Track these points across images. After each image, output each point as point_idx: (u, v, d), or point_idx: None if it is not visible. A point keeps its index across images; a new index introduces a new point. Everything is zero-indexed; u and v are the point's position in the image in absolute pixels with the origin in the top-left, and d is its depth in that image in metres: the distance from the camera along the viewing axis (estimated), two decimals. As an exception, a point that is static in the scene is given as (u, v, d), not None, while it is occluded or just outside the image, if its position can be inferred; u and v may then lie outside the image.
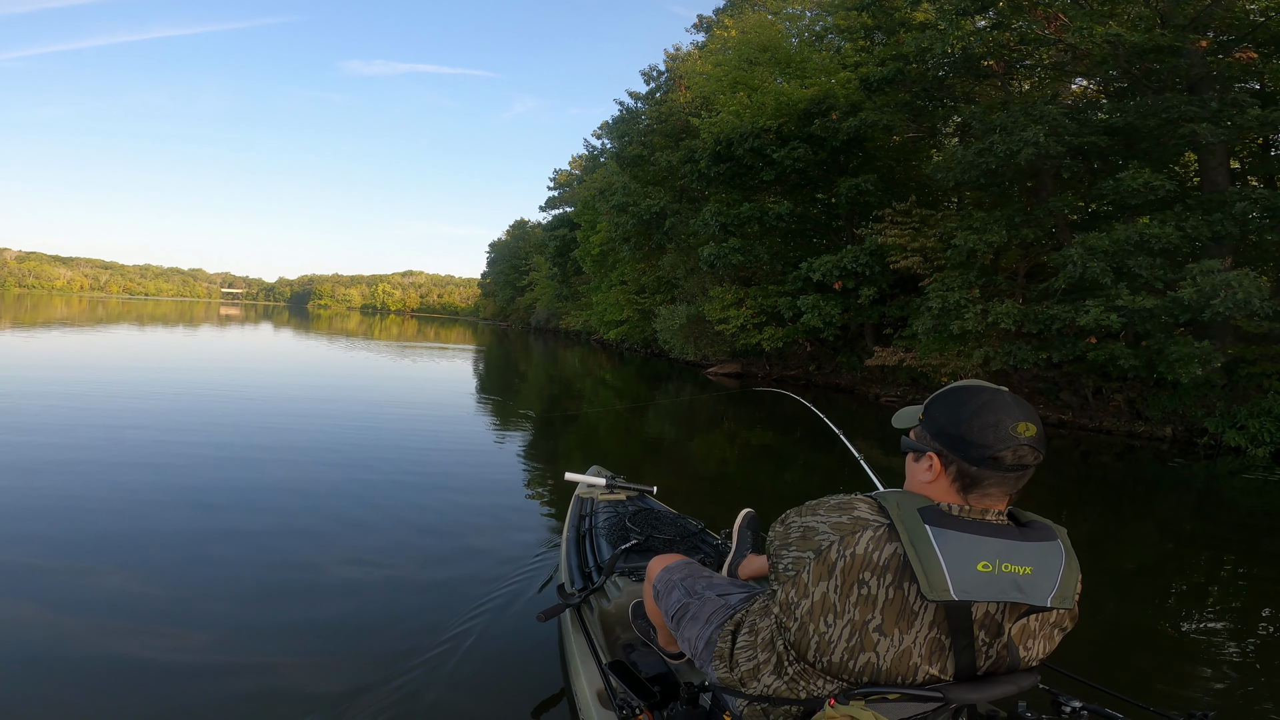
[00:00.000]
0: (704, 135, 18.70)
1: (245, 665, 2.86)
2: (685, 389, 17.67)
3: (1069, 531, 1.39)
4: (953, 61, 14.20)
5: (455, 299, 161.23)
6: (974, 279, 13.57)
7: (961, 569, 1.22)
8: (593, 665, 2.30)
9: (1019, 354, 12.65)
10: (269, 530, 4.53)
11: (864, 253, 15.73)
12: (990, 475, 1.30)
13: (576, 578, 2.91)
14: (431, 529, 4.81)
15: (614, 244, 29.12)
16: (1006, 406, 1.31)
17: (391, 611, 3.43)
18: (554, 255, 45.18)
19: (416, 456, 7.17)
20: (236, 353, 19.80)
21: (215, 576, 3.73)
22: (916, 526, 1.26)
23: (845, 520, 1.32)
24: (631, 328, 30.33)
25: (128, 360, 15.16)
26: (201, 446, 6.76)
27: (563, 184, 58.61)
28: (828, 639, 1.32)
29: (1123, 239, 11.01)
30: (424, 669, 2.89)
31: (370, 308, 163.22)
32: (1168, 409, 12.89)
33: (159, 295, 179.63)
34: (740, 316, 19.36)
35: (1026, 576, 1.25)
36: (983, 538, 1.26)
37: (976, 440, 1.29)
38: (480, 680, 2.88)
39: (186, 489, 5.33)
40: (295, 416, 9.02)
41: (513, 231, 75.85)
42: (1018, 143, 11.41)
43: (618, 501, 3.63)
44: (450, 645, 3.10)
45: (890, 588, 1.27)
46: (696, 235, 23.07)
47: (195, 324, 35.72)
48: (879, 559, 1.27)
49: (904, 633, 1.29)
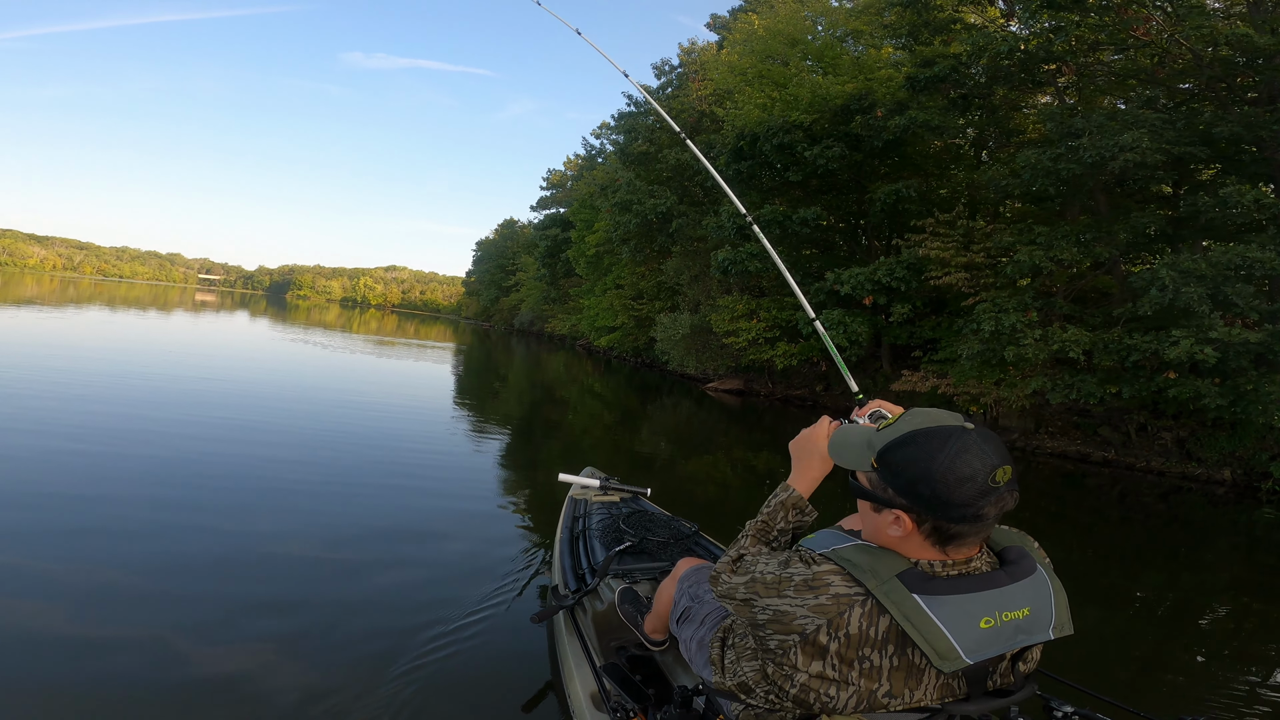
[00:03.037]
0: (726, 128, 17.08)
1: (236, 667, 2.79)
2: (682, 405, 16.44)
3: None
4: (1008, 65, 12.80)
5: (438, 296, 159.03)
6: (1030, 300, 12.03)
7: (966, 634, 1.18)
8: (586, 667, 2.25)
9: (1084, 387, 11.11)
10: (252, 532, 4.35)
11: (900, 266, 14.16)
12: (972, 529, 1.22)
13: (570, 579, 2.88)
14: (422, 532, 4.74)
15: (612, 245, 27.43)
16: (980, 451, 1.20)
17: (382, 615, 3.36)
18: (544, 256, 43.51)
19: (403, 459, 6.88)
20: (207, 342, 18.57)
21: (203, 578, 3.60)
22: (905, 599, 1.19)
23: (825, 601, 1.23)
24: (624, 335, 28.58)
25: (94, 346, 14.12)
26: (197, 440, 6.50)
27: (556, 184, 57.15)
28: (833, 703, 1.27)
29: (1224, 263, 9.54)
30: (417, 671, 2.86)
31: (350, 301, 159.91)
32: (1225, 450, 11.54)
33: (133, 278, 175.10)
34: (752, 329, 17.71)
35: (1026, 618, 1.23)
36: (976, 594, 1.21)
37: (956, 500, 1.18)
38: (473, 683, 2.86)
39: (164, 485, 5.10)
40: (278, 414, 8.59)
41: (501, 231, 74.11)
42: (1112, 148, 9.88)
43: (611, 503, 3.58)
44: (443, 647, 3.07)
45: (894, 657, 1.22)
46: (706, 239, 21.46)
47: (167, 309, 34.31)
48: (876, 635, 1.21)
49: (914, 690, 1.25)
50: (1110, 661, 3.70)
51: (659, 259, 25.19)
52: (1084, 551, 6.44)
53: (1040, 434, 14.07)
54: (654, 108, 4.97)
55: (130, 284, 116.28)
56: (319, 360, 16.60)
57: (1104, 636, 4.05)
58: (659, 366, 25.57)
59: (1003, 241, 12.55)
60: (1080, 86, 13.90)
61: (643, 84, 24.93)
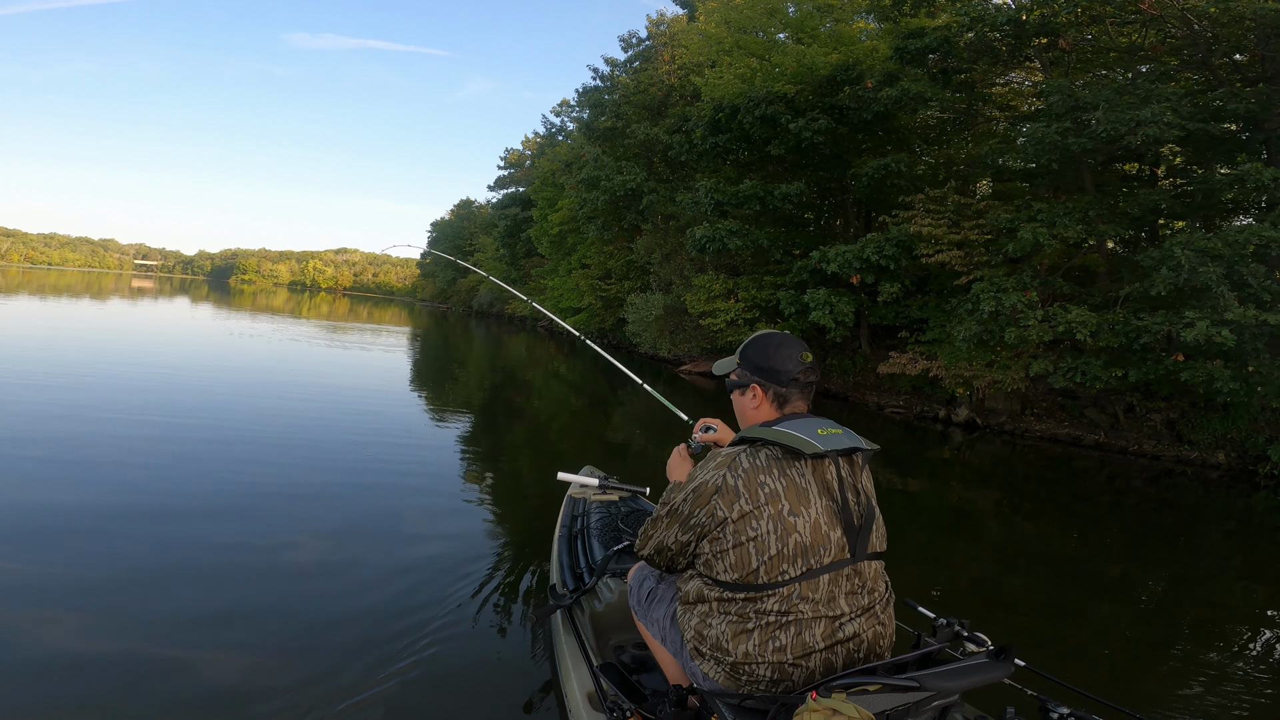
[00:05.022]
0: (704, 99, 16.18)
1: (221, 669, 2.76)
2: (655, 390, 15.44)
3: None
4: (996, 39, 12.20)
5: (391, 279, 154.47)
6: (1029, 280, 11.51)
7: (812, 436, 1.69)
8: (583, 667, 2.26)
9: (1089, 370, 10.64)
10: (244, 535, 4.21)
11: (889, 243, 13.52)
12: (794, 391, 1.85)
13: (568, 579, 2.87)
14: (418, 531, 4.69)
15: (577, 223, 26.36)
16: (794, 342, 1.88)
17: (379, 613, 3.31)
18: (503, 236, 42.17)
19: (387, 454, 6.75)
20: (145, 330, 17.70)
21: (194, 575, 3.57)
22: (763, 431, 1.74)
23: (720, 459, 1.75)
24: (591, 316, 27.60)
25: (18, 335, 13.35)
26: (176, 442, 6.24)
27: (514, 163, 55.53)
28: (760, 537, 1.65)
29: (1240, 241, 9.10)
30: (413, 670, 2.84)
31: (299, 285, 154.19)
32: (1218, 432, 11.29)
33: (64, 265, 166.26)
34: (731, 310, 16.96)
35: (842, 434, 1.75)
36: (803, 419, 1.79)
37: (783, 369, 1.84)
38: (470, 682, 2.83)
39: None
40: (234, 407, 8.32)
41: (458, 211, 71.98)
42: (1129, 121, 9.30)
43: (610, 502, 3.51)
44: (440, 646, 3.05)
45: (780, 477, 1.68)
46: (678, 216, 20.60)
47: (102, 297, 32.73)
48: (761, 462, 1.69)
49: (807, 507, 1.67)
50: (1107, 658, 3.73)
51: (628, 237, 24.26)
52: (1091, 536, 6.39)
53: (1027, 416, 13.70)
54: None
55: (61, 271, 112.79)
56: (268, 347, 15.67)
57: (1102, 630, 4.11)
58: (627, 348, 24.76)
59: (999, 219, 11.98)
60: (1067, 62, 13.41)
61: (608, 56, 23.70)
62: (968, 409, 13.73)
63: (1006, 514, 7.44)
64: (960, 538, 6.23)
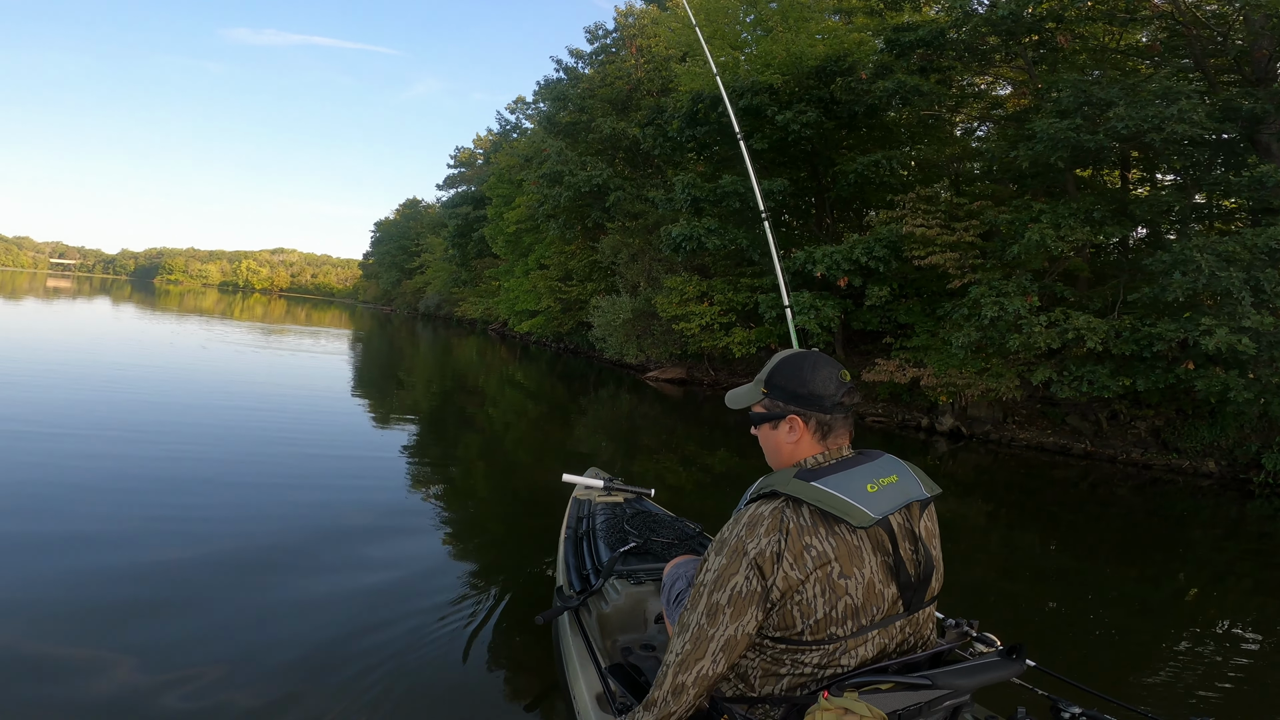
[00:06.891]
0: (682, 89, 15.32)
1: (218, 675, 2.70)
2: (621, 397, 15.13)
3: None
4: (987, 32, 11.75)
5: (331, 280, 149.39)
6: (1029, 284, 10.99)
7: (860, 496, 1.44)
8: (591, 668, 2.23)
9: (1097, 378, 10.14)
10: (243, 543, 4.09)
11: (879, 244, 12.88)
12: (840, 418, 1.59)
13: (575, 580, 2.86)
14: (425, 532, 4.68)
15: (537, 221, 25.19)
16: (828, 361, 1.62)
17: (386, 616, 3.28)
18: (454, 235, 40.49)
19: (381, 454, 6.82)
20: (65, 334, 16.77)
21: (182, 587, 3.46)
22: (805, 487, 1.45)
23: (752, 523, 1.48)
24: (548, 319, 26.42)
25: None
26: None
27: (465, 162, 53.83)
28: (806, 601, 1.44)
29: (1259, 245, 8.70)
30: (421, 671, 2.82)
31: (231, 285, 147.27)
32: (1205, 440, 11.00)
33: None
34: (706, 313, 16.12)
35: (899, 483, 1.52)
36: (851, 470, 1.50)
37: (825, 393, 1.57)
38: (477, 683, 2.82)
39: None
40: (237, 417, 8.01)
41: (404, 211, 69.56)
42: (1153, 119, 8.82)
43: (615, 504, 3.51)
44: (447, 647, 3.04)
45: (829, 537, 1.44)
46: (646, 215, 19.67)
47: (15, 297, 30.79)
48: (805, 521, 1.44)
49: (860, 568, 1.45)
50: (1110, 660, 3.72)
51: (591, 236, 23.22)
52: (1088, 543, 6.38)
53: (1009, 424, 13.27)
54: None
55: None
56: (192, 351, 14.63)
57: (1113, 634, 4.08)
58: (585, 352, 23.74)
59: (998, 219, 11.45)
60: (1053, 60, 13.08)
61: (574, 48, 22.55)
62: (952, 417, 13.23)
63: (998, 522, 7.34)
64: (959, 545, 5.81)
